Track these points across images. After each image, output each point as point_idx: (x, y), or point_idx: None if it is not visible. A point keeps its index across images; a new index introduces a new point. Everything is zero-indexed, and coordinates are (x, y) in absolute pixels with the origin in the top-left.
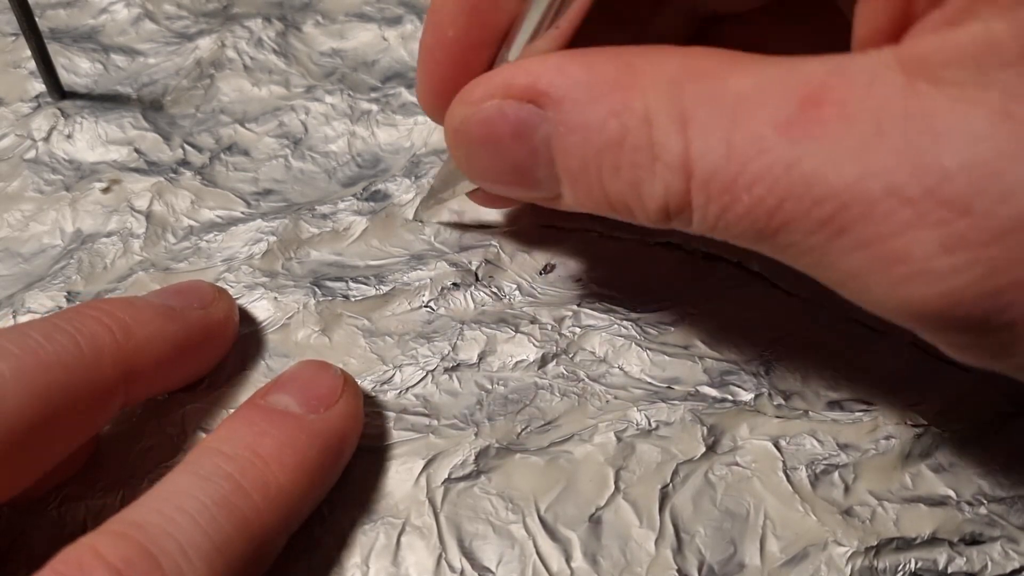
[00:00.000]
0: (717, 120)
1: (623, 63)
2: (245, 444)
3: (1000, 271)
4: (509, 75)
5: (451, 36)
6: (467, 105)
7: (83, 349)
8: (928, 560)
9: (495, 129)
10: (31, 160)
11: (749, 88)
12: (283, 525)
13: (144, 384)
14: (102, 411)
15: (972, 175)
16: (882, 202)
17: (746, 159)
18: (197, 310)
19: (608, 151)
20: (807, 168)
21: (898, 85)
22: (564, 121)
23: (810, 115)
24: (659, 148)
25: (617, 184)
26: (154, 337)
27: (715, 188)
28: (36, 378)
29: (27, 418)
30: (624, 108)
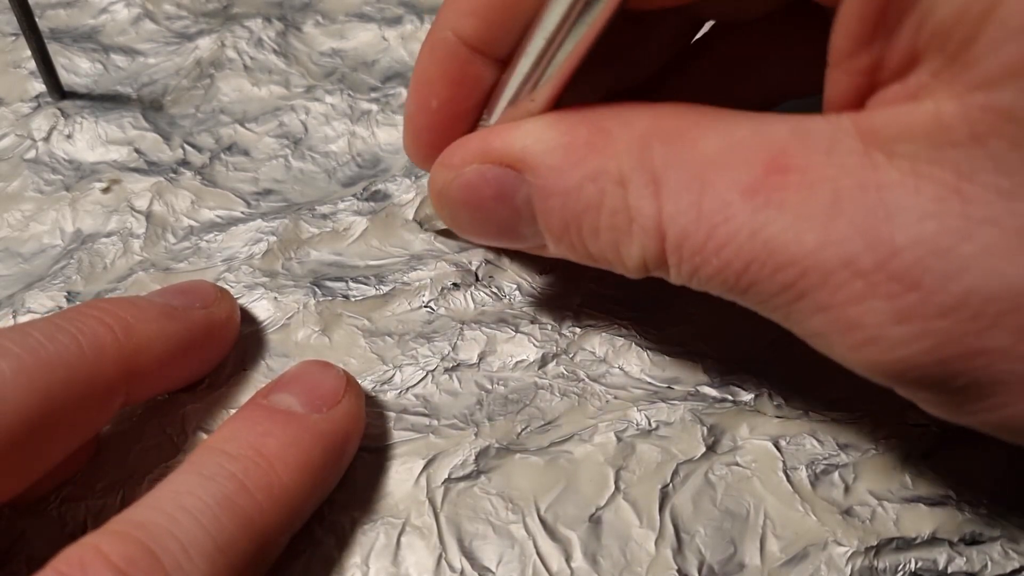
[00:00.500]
0: (687, 184)
1: (596, 127)
2: (248, 444)
3: (950, 342)
4: (487, 140)
5: (435, 106)
6: (448, 169)
7: (84, 348)
8: (928, 560)
9: (477, 192)
10: (31, 160)
11: (716, 151)
12: (286, 524)
13: (145, 383)
14: (103, 410)
15: (921, 251)
16: (838, 272)
17: (714, 224)
18: (199, 310)
19: (587, 214)
20: (770, 235)
21: (855, 154)
22: (542, 185)
23: (773, 181)
24: (635, 211)
25: (597, 244)
26: (156, 336)
27: (687, 250)
28: (37, 377)
29: (28, 417)
30: (600, 172)
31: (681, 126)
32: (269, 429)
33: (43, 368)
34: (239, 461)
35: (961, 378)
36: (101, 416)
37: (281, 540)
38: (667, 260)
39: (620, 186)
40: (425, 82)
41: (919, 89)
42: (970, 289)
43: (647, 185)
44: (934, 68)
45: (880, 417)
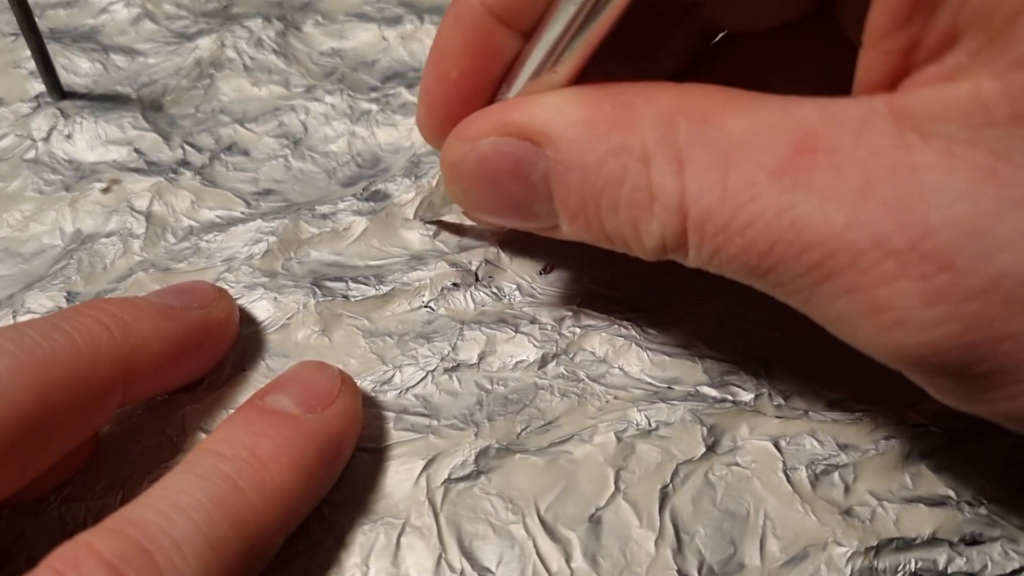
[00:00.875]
0: (712, 163)
1: (620, 102)
2: (242, 445)
3: (978, 326)
4: (506, 112)
5: (454, 77)
6: (463, 141)
7: (81, 347)
8: (928, 560)
9: (492, 166)
10: (31, 160)
11: (743, 132)
12: (280, 524)
13: (143, 383)
14: (100, 410)
15: (955, 232)
16: (868, 252)
17: (739, 203)
18: (197, 310)
19: (607, 190)
20: (797, 214)
21: (888, 135)
22: (562, 160)
23: (801, 162)
24: (656, 188)
25: (615, 221)
26: (153, 336)
27: (709, 229)
28: (33, 376)
29: (24, 416)
30: (623, 148)
31: (707, 105)
32: (263, 430)
33: (39, 366)
34: (233, 462)
35: (986, 363)
36: (98, 416)
37: (275, 540)
38: (687, 240)
39: (643, 163)
40: (447, 52)
41: (956, 70)
42: (1003, 271)
43: (671, 163)
44: (973, 48)
45: (880, 417)
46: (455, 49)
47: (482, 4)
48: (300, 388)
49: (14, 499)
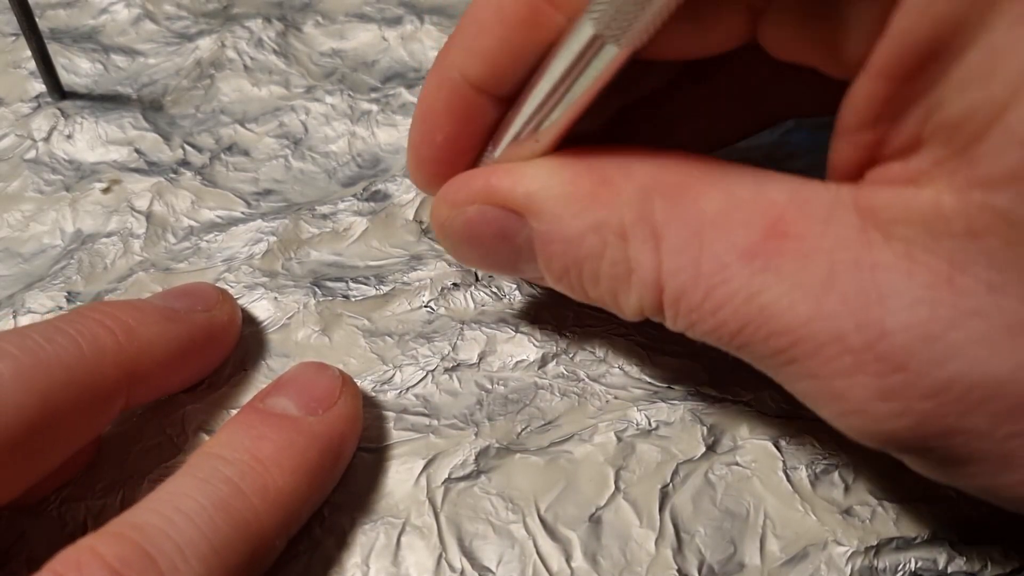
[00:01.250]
0: (686, 242)
1: (599, 176)
2: (244, 448)
3: (931, 422)
4: (490, 181)
5: (439, 140)
6: (450, 207)
7: (84, 350)
8: (928, 560)
9: (478, 230)
10: (31, 160)
11: (716, 210)
12: (282, 527)
13: (146, 386)
14: (103, 412)
15: (910, 336)
16: (828, 345)
17: (712, 285)
18: (200, 312)
19: (588, 262)
20: (765, 301)
21: (853, 228)
22: (544, 231)
23: (771, 246)
24: (634, 263)
25: (596, 289)
26: (156, 339)
27: (683, 307)
28: (36, 378)
29: (27, 418)
30: (602, 224)
31: (683, 181)
32: (264, 433)
33: (42, 369)
34: (235, 465)
35: (940, 451)
36: (101, 418)
37: (277, 543)
38: (664, 311)
39: (621, 238)
40: (430, 117)
41: (919, 174)
42: (954, 376)
43: (647, 240)
44: (936, 157)
45: None
46: (438, 114)
47: (462, 76)
48: (301, 390)
49: (14, 500)
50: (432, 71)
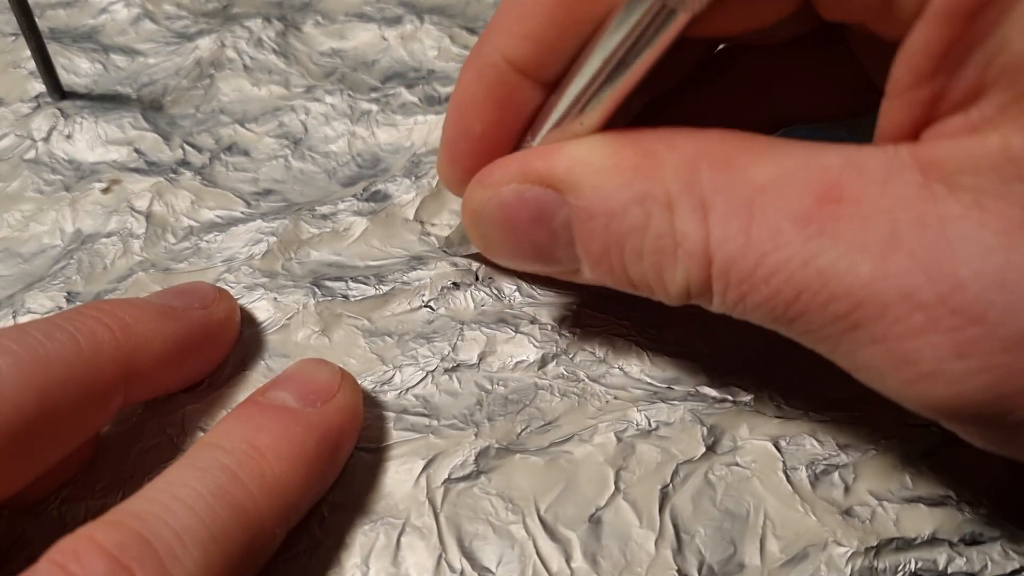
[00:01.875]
0: (736, 210)
1: (643, 149)
2: (242, 437)
3: (1010, 378)
4: (528, 160)
5: (478, 131)
6: (485, 188)
7: (82, 347)
8: (928, 560)
9: (514, 212)
10: (31, 160)
11: (767, 178)
12: (280, 516)
13: (145, 384)
14: (102, 410)
15: (984, 285)
16: (896, 305)
17: (764, 252)
18: (198, 310)
19: (631, 236)
20: (823, 264)
21: (914, 186)
22: (584, 206)
23: (826, 211)
24: (680, 235)
25: (639, 267)
26: (154, 337)
27: (734, 277)
28: (35, 374)
29: (25, 414)
30: (646, 195)
31: (730, 151)
32: (262, 424)
33: (40, 366)
34: (232, 454)
35: (1018, 413)
36: (100, 416)
37: (276, 532)
38: (712, 286)
39: (667, 209)
40: (469, 108)
41: (983, 122)
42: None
43: (695, 209)
44: (1001, 102)
45: (880, 417)
46: (478, 104)
47: (505, 60)
48: (300, 384)
49: (15, 500)
50: (469, 62)
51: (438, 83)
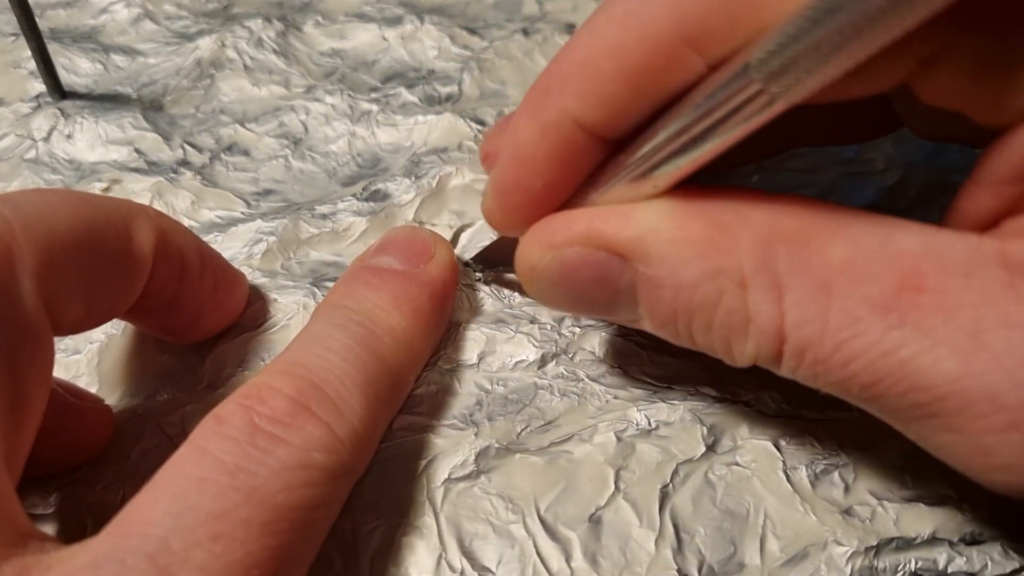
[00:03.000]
0: (812, 293)
1: (714, 221)
2: (364, 297)
3: None
4: (593, 224)
5: (539, 186)
6: (547, 248)
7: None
8: (928, 560)
9: (576, 274)
10: (31, 160)
11: (843, 260)
12: (411, 365)
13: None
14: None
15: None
16: (979, 404)
17: (842, 338)
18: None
19: (701, 310)
20: (905, 356)
21: (998, 283)
22: (653, 276)
23: (907, 299)
24: (753, 312)
25: (707, 336)
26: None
27: (809, 358)
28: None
29: (75, 239)
30: (719, 271)
31: (805, 229)
32: (379, 284)
33: (87, 206)
34: (361, 312)
35: None
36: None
37: (409, 378)
38: (782, 360)
39: (740, 287)
40: (531, 164)
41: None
42: None
43: (769, 289)
44: None
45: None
46: (540, 161)
47: (573, 120)
48: (402, 247)
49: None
50: (528, 116)
51: (438, 83)
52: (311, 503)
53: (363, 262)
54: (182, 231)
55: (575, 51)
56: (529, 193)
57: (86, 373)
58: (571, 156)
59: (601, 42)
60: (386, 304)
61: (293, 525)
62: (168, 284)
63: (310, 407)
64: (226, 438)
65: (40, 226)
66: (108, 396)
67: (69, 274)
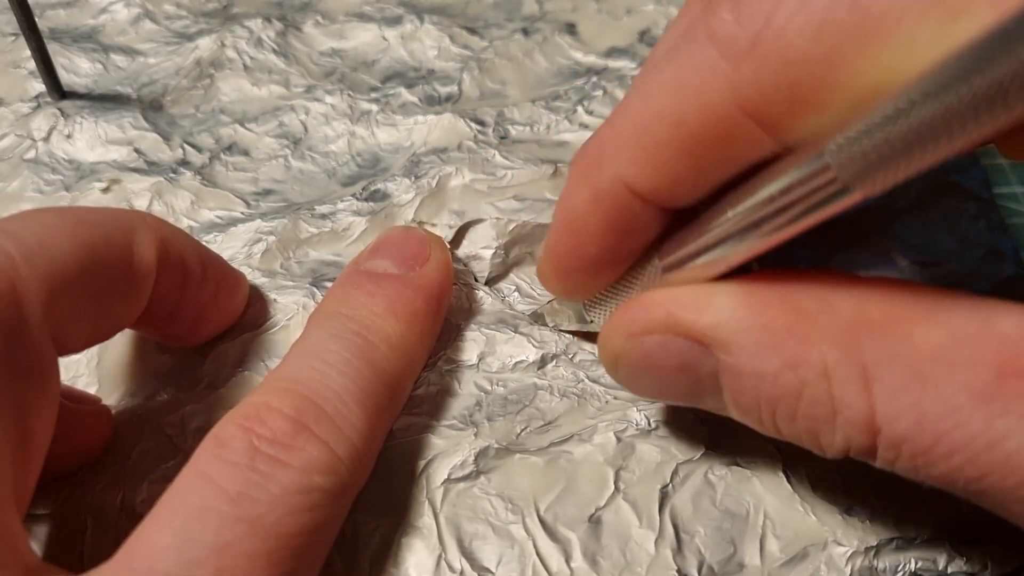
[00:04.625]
0: (904, 383)
1: (795, 309)
2: (360, 304)
3: None
4: (670, 311)
5: (593, 252)
6: (627, 338)
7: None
8: (928, 560)
9: (658, 362)
10: (31, 160)
11: (936, 346)
12: (408, 371)
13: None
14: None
15: None
16: None
17: (941, 430)
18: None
19: (783, 400)
20: (1012, 448)
21: None
22: (734, 365)
23: (1009, 387)
24: (839, 403)
25: (792, 427)
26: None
27: (907, 451)
28: (80, 230)
29: (79, 264)
30: (800, 361)
31: (893, 315)
32: (373, 290)
33: (85, 225)
34: (356, 320)
35: None
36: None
37: (406, 385)
38: (877, 453)
39: (824, 378)
40: (585, 232)
41: None
42: None
43: (855, 379)
44: None
45: None
46: (595, 229)
47: (628, 187)
48: (396, 250)
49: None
50: (580, 181)
51: (438, 83)
52: (313, 526)
53: (358, 265)
54: (182, 237)
55: (627, 117)
56: (584, 259)
57: (86, 373)
58: (626, 223)
59: (655, 108)
60: (381, 311)
61: (296, 551)
62: (171, 293)
63: (309, 426)
64: (227, 463)
65: (43, 257)
66: (108, 396)
67: (74, 300)
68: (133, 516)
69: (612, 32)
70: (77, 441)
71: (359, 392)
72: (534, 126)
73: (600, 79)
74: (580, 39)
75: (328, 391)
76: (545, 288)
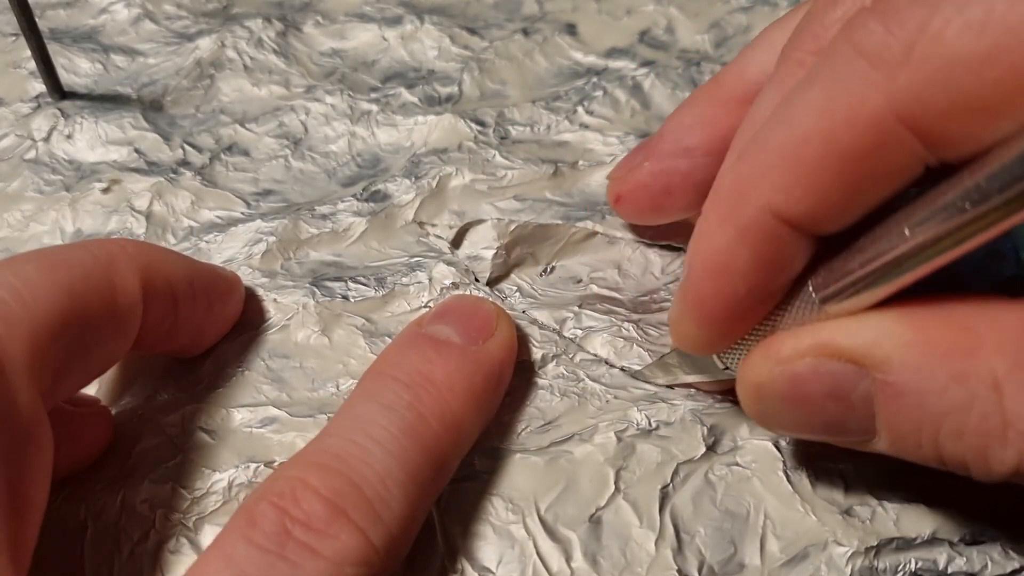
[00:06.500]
0: None
1: (958, 324)
2: (417, 371)
3: None
4: (822, 335)
5: (742, 292)
6: (775, 363)
7: (97, 255)
8: (928, 560)
9: (806, 388)
10: (31, 160)
11: None
12: (457, 450)
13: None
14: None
15: None
16: None
17: None
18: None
19: (951, 417)
20: None
21: None
22: (892, 382)
23: None
24: (1012, 415)
25: (957, 446)
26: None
27: None
28: (59, 275)
29: (59, 312)
30: (968, 374)
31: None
32: (432, 358)
33: (63, 268)
34: (412, 389)
35: None
36: (124, 326)
37: (453, 463)
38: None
39: (993, 390)
40: (732, 271)
41: None
42: None
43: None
44: None
45: None
46: (743, 267)
47: (777, 217)
48: (462, 319)
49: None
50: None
51: (438, 83)
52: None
53: (420, 327)
54: (165, 259)
55: (768, 147)
56: (731, 302)
57: None
58: (775, 256)
59: (803, 131)
60: (440, 381)
61: None
62: (163, 318)
63: (347, 512)
64: (255, 546)
65: (23, 315)
66: (108, 397)
67: (59, 351)
68: (133, 516)
69: (612, 32)
70: (77, 444)
71: (403, 475)
72: (534, 126)
73: (600, 79)
74: (580, 39)
75: (370, 471)
76: (682, 346)
